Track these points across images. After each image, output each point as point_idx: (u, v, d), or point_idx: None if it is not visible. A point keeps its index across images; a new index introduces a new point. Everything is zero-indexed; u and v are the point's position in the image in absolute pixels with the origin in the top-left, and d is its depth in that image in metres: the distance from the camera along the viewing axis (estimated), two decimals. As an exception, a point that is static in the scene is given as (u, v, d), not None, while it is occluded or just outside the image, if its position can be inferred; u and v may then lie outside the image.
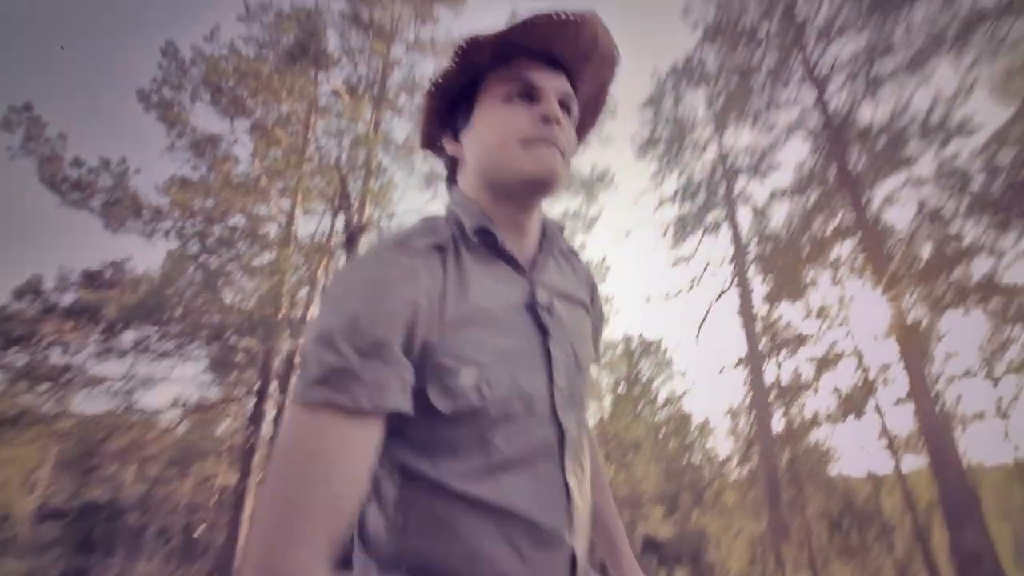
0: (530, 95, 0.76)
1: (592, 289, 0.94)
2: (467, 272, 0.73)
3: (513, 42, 0.74)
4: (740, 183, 10.99)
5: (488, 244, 0.76)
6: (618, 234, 13.83)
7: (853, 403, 10.68)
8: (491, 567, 0.66)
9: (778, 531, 10.18)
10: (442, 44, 11.97)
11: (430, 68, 12.17)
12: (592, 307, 0.92)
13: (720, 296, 12.56)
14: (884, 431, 10.75)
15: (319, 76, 11.19)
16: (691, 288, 12.28)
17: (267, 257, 10.31)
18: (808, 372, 11.44)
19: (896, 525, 12.53)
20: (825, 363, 10.89)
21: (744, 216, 11.31)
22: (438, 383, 0.66)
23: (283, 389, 9.66)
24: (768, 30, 9.42)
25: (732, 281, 12.24)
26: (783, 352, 11.87)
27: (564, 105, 0.78)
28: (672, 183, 11.24)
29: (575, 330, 0.82)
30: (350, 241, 10.77)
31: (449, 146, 0.84)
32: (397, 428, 0.66)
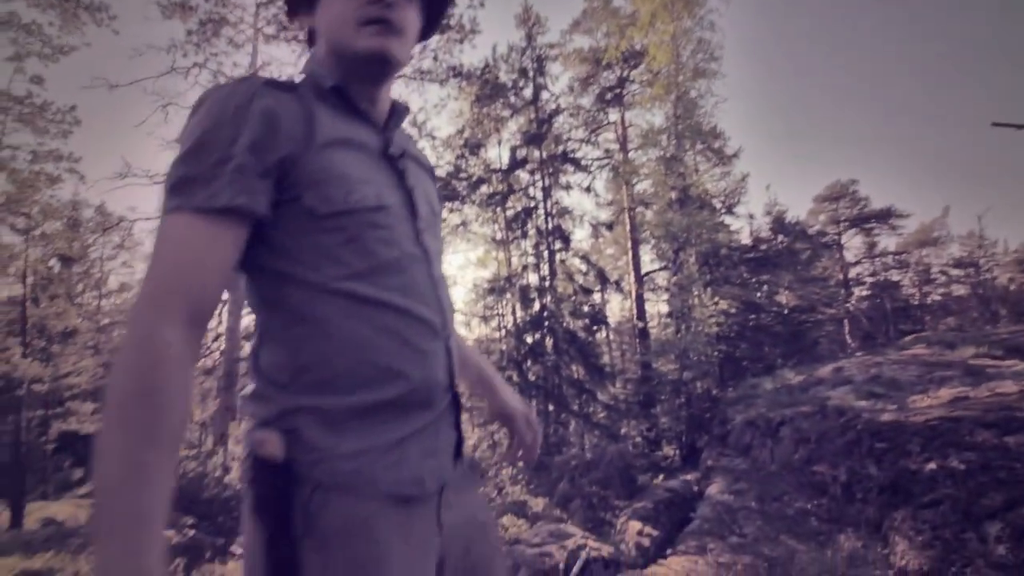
0: None
1: (431, 166, 0.99)
2: (329, 114, 0.77)
3: None
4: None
5: (343, 101, 0.80)
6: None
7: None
8: (379, 356, 0.72)
9: (226, 413, 10.40)
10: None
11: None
12: (433, 177, 0.97)
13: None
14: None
15: None
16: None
17: None
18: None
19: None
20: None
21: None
22: (313, 190, 0.71)
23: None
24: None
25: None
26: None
27: None
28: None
29: (427, 185, 0.90)
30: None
31: (304, 18, 0.86)
32: (279, 242, 0.72)
